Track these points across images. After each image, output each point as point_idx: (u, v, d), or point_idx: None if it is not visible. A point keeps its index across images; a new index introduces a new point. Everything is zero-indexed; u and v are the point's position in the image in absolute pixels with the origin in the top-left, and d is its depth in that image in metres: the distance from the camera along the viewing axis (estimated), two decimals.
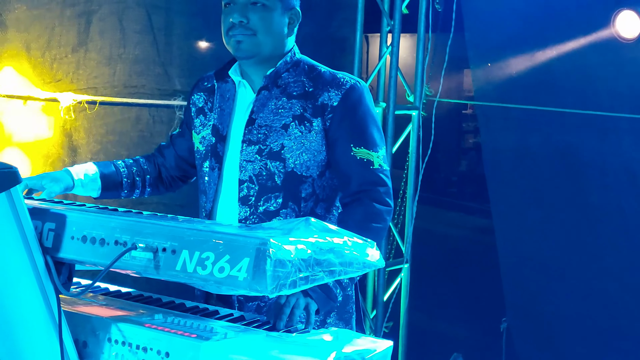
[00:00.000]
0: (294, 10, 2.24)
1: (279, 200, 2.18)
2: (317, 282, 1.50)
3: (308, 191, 2.20)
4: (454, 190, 10.14)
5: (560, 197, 4.89)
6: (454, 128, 10.70)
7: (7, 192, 1.50)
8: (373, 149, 2.19)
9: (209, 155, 2.28)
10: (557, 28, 4.71)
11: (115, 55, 3.97)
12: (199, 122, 2.35)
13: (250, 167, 2.19)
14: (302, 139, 2.18)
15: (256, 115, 2.21)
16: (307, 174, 2.19)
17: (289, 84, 2.22)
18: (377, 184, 2.17)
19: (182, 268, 1.47)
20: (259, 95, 2.22)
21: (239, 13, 2.15)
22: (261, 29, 2.16)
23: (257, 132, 2.20)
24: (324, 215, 2.24)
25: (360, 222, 2.09)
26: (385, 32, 4.78)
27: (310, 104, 2.18)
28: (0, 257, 1.51)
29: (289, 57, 2.24)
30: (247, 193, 2.20)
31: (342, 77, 2.22)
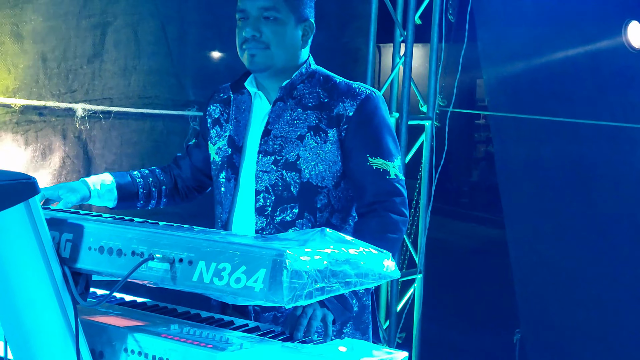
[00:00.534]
0: (308, 22, 2.25)
1: (294, 210, 2.19)
2: (333, 293, 1.51)
3: (324, 202, 2.21)
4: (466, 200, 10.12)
5: (573, 207, 4.88)
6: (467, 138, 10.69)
7: (25, 202, 1.51)
8: (389, 159, 2.19)
9: (225, 166, 2.29)
10: (570, 38, 4.71)
11: (130, 66, 3.99)
12: (214, 133, 2.37)
13: (266, 178, 2.21)
14: (318, 149, 2.18)
15: (272, 126, 2.22)
16: (323, 184, 2.20)
17: (304, 95, 2.23)
18: (393, 194, 2.18)
19: (198, 279, 1.48)
20: (275, 107, 2.24)
21: (252, 27, 2.16)
22: (274, 42, 2.17)
23: (272, 143, 2.21)
24: (340, 226, 2.24)
25: (376, 232, 2.10)
26: (398, 42, 4.79)
27: (326, 115, 2.19)
28: (19, 267, 1.52)
29: (304, 69, 2.26)
30: (264, 203, 2.21)
31: (357, 88, 2.23)
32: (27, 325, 1.55)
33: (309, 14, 2.25)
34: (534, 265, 5.22)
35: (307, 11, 2.24)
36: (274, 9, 2.16)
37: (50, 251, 1.56)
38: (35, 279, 1.54)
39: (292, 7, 2.19)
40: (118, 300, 1.98)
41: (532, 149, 5.11)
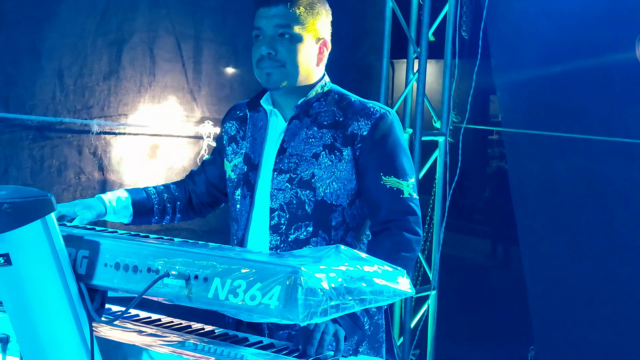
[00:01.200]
0: (323, 40, 2.26)
1: (309, 228, 2.19)
2: (347, 310, 1.51)
3: (338, 220, 2.21)
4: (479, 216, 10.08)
5: (587, 223, 4.86)
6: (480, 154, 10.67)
7: (42, 219, 1.53)
8: (403, 178, 2.19)
9: (241, 183, 2.30)
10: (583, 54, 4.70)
11: (145, 82, 4.03)
12: (231, 150, 2.37)
13: (281, 196, 2.21)
14: (332, 168, 2.19)
15: (287, 144, 2.23)
16: (337, 202, 2.21)
17: (320, 113, 2.24)
18: (407, 213, 2.18)
19: (214, 296, 1.48)
20: (290, 125, 2.24)
21: (267, 45, 2.17)
22: (289, 61, 2.18)
23: (288, 161, 2.22)
24: (354, 244, 2.24)
25: (390, 251, 2.09)
26: (411, 58, 4.80)
27: (341, 134, 2.20)
28: (36, 283, 1.53)
29: (320, 87, 2.26)
30: (278, 221, 2.21)
31: (372, 107, 2.23)
32: (43, 341, 1.56)
33: (324, 32, 2.26)
34: (548, 282, 5.20)
35: (322, 29, 2.25)
36: (289, 27, 2.17)
37: (66, 267, 1.57)
38: (51, 295, 1.55)
39: (308, 25, 2.19)
40: (133, 316, 1.98)
41: (546, 165, 5.09)
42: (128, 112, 3.93)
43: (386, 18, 4.59)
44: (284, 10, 2.17)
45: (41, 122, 3.60)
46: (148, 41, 4.03)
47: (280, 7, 2.17)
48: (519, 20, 4.94)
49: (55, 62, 3.65)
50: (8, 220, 1.48)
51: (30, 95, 3.58)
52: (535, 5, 4.79)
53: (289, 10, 2.17)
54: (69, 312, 1.56)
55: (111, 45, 3.87)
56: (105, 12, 3.83)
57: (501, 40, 5.04)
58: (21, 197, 1.49)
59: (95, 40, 3.79)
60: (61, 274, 1.56)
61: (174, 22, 4.16)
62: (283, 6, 2.17)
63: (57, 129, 3.68)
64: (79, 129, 3.75)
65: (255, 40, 2.22)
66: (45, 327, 1.55)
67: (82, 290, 1.59)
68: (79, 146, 3.77)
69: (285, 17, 2.17)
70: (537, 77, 4.95)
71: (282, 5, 2.17)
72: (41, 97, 3.62)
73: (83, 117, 3.74)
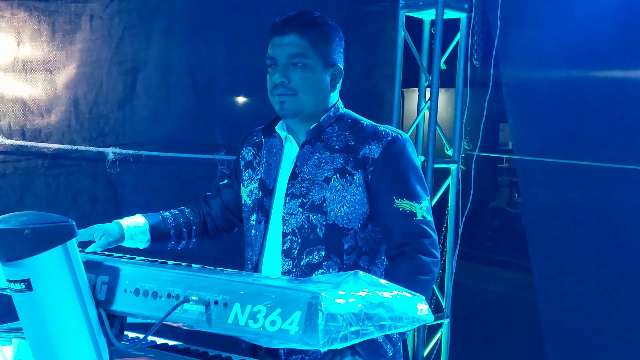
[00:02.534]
0: (336, 67, 2.27)
1: (321, 252, 2.19)
2: (367, 337, 1.50)
3: (350, 244, 2.21)
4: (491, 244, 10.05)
5: (601, 252, 4.83)
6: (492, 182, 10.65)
7: (63, 245, 1.54)
8: (416, 200, 2.19)
9: (256, 208, 2.31)
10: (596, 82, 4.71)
11: (160, 111, 4.05)
12: (246, 175, 2.39)
13: (293, 220, 2.22)
14: (343, 191, 2.19)
15: (299, 169, 2.24)
16: (349, 226, 2.20)
17: (332, 138, 2.25)
18: (422, 236, 2.17)
19: (234, 321, 1.48)
20: (302, 150, 2.26)
21: (281, 73, 2.19)
22: (302, 89, 2.20)
23: (299, 186, 2.22)
24: (368, 268, 2.24)
25: (408, 275, 2.09)
26: (423, 87, 4.83)
27: (352, 157, 2.20)
28: (56, 309, 1.54)
29: (333, 112, 2.28)
30: (290, 246, 2.22)
31: (383, 130, 2.24)
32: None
33: (337, 59, 2.28)
34: (562, 311, 5.16)
35: (335, 56, 2.27)
36: (302, 56, 2.19)
37: (86, 293, 1.58)
38: (71, 321, 1.56)
39: (321, 53, 2.21)
40: (150, 343, 1.98)
41: (558, 193, 5.07)
42: (143, 140, 3.95)
43: (398, 47, 4.63)
44: (296, 39, 2.19)
45: (57, 150, 3.62)
46: (162, 70, 4.06)
47: (293, 35, 2.19)
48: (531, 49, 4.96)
49: (71, 91, 3.68)
50: (29, 245, 1.49)
51: (46, 124, 3.61)
52: (547, 34, 4.81)
53: (301, 40, 2.19)
54: (89, 338, 1.57)
55: (126, 73, 3.90)
56: (121, 41, 3.86)
57: (512, 68, 5.06)
58: (42, 222, 1.51)
59: (111, 69, 3.82)
60: (81, 300, 1.56)
61: (188, 51, 4.19)
62: (296, 35, 2.19)
63: (73, 157, 3.70)
64: (94, 157, 3.77)
65: (269, 69, 2.25)
66: (64, 352, 1.56)
67: (102, 316, 1.59)
68: (94, 174, 3.79)
69: (297, 46, 2.19)
70: (549, 105, 4.96)
71: (294, 34, 2.19)
72: (57, 125, 3.65)
73: (98, 145, 3.76)
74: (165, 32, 4.04)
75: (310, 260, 2.19)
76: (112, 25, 3.78)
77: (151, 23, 3.97)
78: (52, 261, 1.52)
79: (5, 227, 1.47)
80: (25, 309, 1.56)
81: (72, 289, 1.55)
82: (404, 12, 4.61)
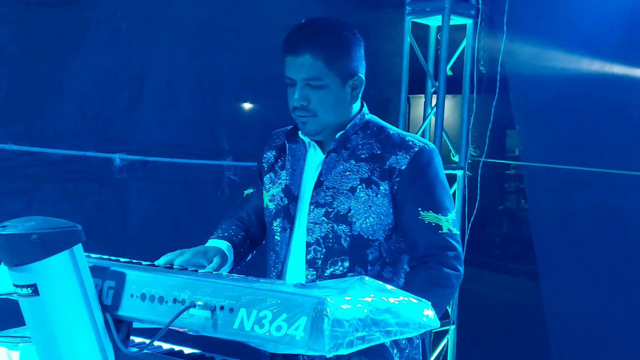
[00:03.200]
0: (356, 77, 2.19)
1: (345, 263, 2.16)
2: (373, 342, 1.50)
3: (375, 255, 2.18)
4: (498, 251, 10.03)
5: (608, 258, 4.82)
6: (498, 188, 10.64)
7: (70, 250, 1.54)
8: (442, 213, 2.15)
9: (280, 214, 2.27)
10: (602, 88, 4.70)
11: (166, 116, 4.06)
12: (268, 179, 2.34)
13: (317, 229, 2.18)
14: (369, 202, 2.15)
15: (324, 178, 2.20)
16: (374, 237, 2.17)
17: (357, 146, 2.21)
18: (446, 249, 2.13)
19: (239, 326, 1.48)
20: (327, 158, 2.22)
21: (299, 95, 2.14)
22: (321, 110, 2.15)
23: (324, 195, 2.19)
24: (392, 279, 2.20)
25: (424, 284, 2.05)
26: (429, 93, 4.82)
27: (378, 167, 2.17)
28: (62, 313, 1.54)
29: (358, 119, 2.23)
30: (314, 256, 2.18)
31: (410, 140, 2.19)
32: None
33: (356, 68, 2.19)
34: (569, 317, 5.14)
35: (354, 66, 2.18)
36: (317, 78, 2.12)
37: (93, 298, 1.58)
38: (78, 326, 1.56)
39: (337, 69, 2.14)
40: (156, 348, 1.98)
41: (565, 199, 5.06)
42: (149, 146, 3.96)
43: (404, 53, 4.63)
44: (310, 60, 2.11)
45: (64, 155, 3.63)
46: (169, 75, 4.07)
47: (306, 56, 2.11)
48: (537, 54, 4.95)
49: (78, 96, 3.69)
50: (36, 250, 1.49)
51: (53, 129, 3.62)
52: (553, 40, 4.81)
53: (315, 61, 2.11)
54: (95, 342, 1.57)
55: (133, 79, 3.91)
56: (127, 47, 3.87)
57: (519, 74, 5.05)
58: (49, 227, 1.51)
59: (117, 75, 3.83)
60: (87, 305, 1.57)
61: (194, 57, 4.20)
62: (309, 55, 2.11)
63: (80, 163, 3.71)
64: (101, 162, 3.78)
65: (288, 87, 2.19)
66: (71, 357, 1.56)
67: (108, 320, 1.60)
68: (101, 179, 3.80)
69: (312, 69, 2.11)
70: (556, 111, 4.95)
71: (307, 54, 2.11)
72: (64, 131, 3.66)
73: (105, 150, 3.77)
74: (171, 38, 4.05)
75: (334, 271, 2.16)
76: (119, 31, 3.80)
77: (158, 29, 3.98)
78: (58, 266, 1.53)
79: (12, 232, 1.48)
80: (31, 314, 1.57)
81: (79, 293, 1.56)
82: (410, 19, 4.61)
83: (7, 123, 3.46)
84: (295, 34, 2.15)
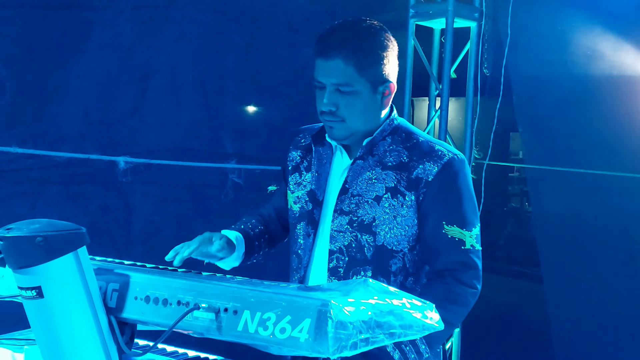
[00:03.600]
0: (386, 83, 2.12)
1: (368, 273, 2.11)
2: (377, 344, 1.50)
3: (398, 265, 2.13)
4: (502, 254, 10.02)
5: (613, 261, 4.81)
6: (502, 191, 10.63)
7: (74, 252, 1.54)
8: (466, 228, 2.09)
9: (304, 218, 2.23)
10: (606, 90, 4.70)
11: (170, 119, 4.06)
12: (293, 180, 2.30)
13: (340, 238, 2.14)
14: (394, 212, 2.10)
15: (350, 185, 2.15)
16: (398, 248, 2.12)
17: (385, 152, 2.15)
18: (467, 265, 2.08)
19: (243, 329, 1.48)
20: (354, 165, 2.16)
21: (328, 100, 2.07)
22: (349, 116, 2.09)
23: (349, 202, 2.14)
24: (414, 288, 2.15)
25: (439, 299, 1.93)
26: (433, 95, 4.82)
27: (405, 176, 2.10)
28: (67, 316, 1.54)
29: (387, 125, 2.17)
30: (337, 264, 2.14)
31: (439, 150, 2.12)
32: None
33: (388, 73, 2.13)
34: (572, 320, 5.14)
35: (387, 71, 2.12)
36: (348, 85, 2.05)
37: (97, 301, 1.58)
38: (82, 328, 1.56)
39: (368, 76, 2.07)
40: (160, 351, 1.99)
41: (569, 202, 5.05)
42: (153, 149, 3.96)
43: (408, 56, 4.62)
44: (341, 65, 2.04)
45: (68, 158, 3.63)
46: (173, 78, 4.07)
47: (337, 61, 2.04)
48: (541, 57, 4.95)
49: (82, 99, 3.70)
50: (41, 253, 1.50)
51: (57, 132, 3.63)
52: (558, 42, 4.80)
53: (346, 67, 2.04)
54: (99, 345, 1.57)
55: (137, 82, 3.92)
56: (131, 49, 3.87)
57: (523, 77, 5.05)
58: (54, 230, 1.51)
59: (121, 77, 3.84)
60: (92, 307, 1.57)
61: (198, 59, 4.20)
62: (341, 60, 2.04)
63: (84, 165, 3.71)
64: (105, 165, 3.78)
65: (317, 90, 2.13)
66: (75, 359, 1.56)
67: (112, 323, 1.60)
68: (105, 182, 3.80)
69: (343, 75, 2.05)
70: (560, 114, 4.95)
71: (339, 59, 2.04)
72: (68, 134, 3.66)
73: (109, 153, 3.78)
74: (175, 41, 4.05)
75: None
76: (122, 33, 3.80)
77: (161, 32, 3.99)
78: (63, 268, 1.53)
79: (16, 235, 1.48)
80: (36, 316, 1.57)
81: (83, 296, 1.56)
82: (414, 21, 4.61)
83: (11, 125, 3.46)
84: (327, 36, 2.08)
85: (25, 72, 3.48)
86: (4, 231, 1.49)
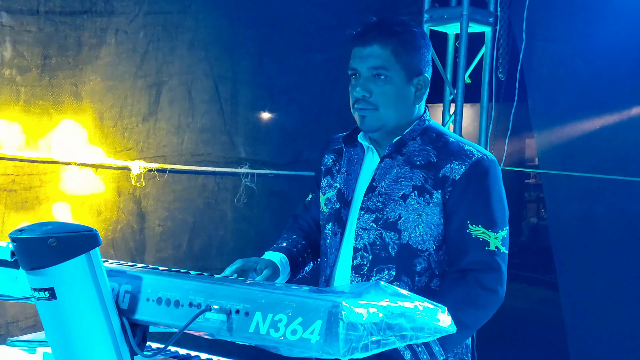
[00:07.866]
0: (422, 76, 2.15)
1: (392, 272, 2.10)
2: (388, 347, 1.49)
3: (423, 265, 2.11)
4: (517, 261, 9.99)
5: (629, 267, 4.78)
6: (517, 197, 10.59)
7: (87, 254, 1.54)
8: (492, 229, 2.05)
9: (332, 218, 2.23)
10: (621, 95, 4.68)
11: (184, 124, 4.08)
12: (325, 182, 2.31)
13: (365, 235, 2.13)
14: (420, 211, 2.08)
15: (377, 183, 2.15)
16: (423, 247, 2.10)
17: (414, 152, 2.14)
18: (488, 266, 2.04)
19: (255, 330, 1.48)
20: (382, 163, 2.16)
21: (362, 87, 2.10)
22: (383, 104, 2.10)
23: (375, 200, 2.13)
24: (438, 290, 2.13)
25: (458, 302, 1.97)
26: (447, 101, 4.81)
27: (432, 175, 2.09)
28: (79, 317, 1.54)
29: (418, 125, 2.17)
30: (361, 262, 2.13)
31: (469, 149, 2.11)
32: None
33: (423, 68, 2.15)
34: (588, 327, 5.10)
35: (421, 65, 2.15)
36: (384, 68, 2.08)
37: (109, 302, 1.58)
38: (94, 330, 1.56)
39: (404, 63, 2.10)
40: (172, 353, 1.99)
41: (585, 207, 5.03)
42: (166, 154, 3.98)
43: None
44: (378, 50, 2.08)
45: (82, 163, 3.65)
46: (186, 83, 4.09)
47: (374, 46, 2.08)
48: (556, 62, 4.94)
49: (96, 105, 3.72)
50: (53, 254, 1.50)
51: (71, 137, 3.64)
52: (572, 47, 4.79)
53: (383, 50, 2.08)
54: (112, 346, 1.57)
55: (150, 87, 3.93)
56: (145, 55, 3.89)
57: (538, 82, 5.03)
58: (66, 231, 1.52)
59: (135, 83, 3.85)
60: (104, 309, 1.57)
61: (212, 65, 4.22)
62: (377, 46, 2.08)
63: (97, 170, 3.73)
64: (118, 170, 3.79)
65: (352, 80, 2.15)
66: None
67: (125, 324, 1.60)
68: (118, 187, 3.81)
69: (379, 58, 2.08)
70: (575, 118, 4.93)
71: (376, 44, 2.08)
72: (82, 139, 3.67)
73: (123, 158, 3.79)
74: (189, 46, 4.07)
75: (380, 279, 2.08)
76: (136, 40, 3.82)
77: (175, 37, 4.00)
78: (75, 270, 1.53)
79: (30, 236, 1.49)
80: (49, 318, 1.57)
81: (96, 297, 1.56)
82: (428, 26, 4.61)
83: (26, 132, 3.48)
84: (365, 27, 2.13)
85: (40, 78, 3.50)
86: (17, 233, 1.50)
